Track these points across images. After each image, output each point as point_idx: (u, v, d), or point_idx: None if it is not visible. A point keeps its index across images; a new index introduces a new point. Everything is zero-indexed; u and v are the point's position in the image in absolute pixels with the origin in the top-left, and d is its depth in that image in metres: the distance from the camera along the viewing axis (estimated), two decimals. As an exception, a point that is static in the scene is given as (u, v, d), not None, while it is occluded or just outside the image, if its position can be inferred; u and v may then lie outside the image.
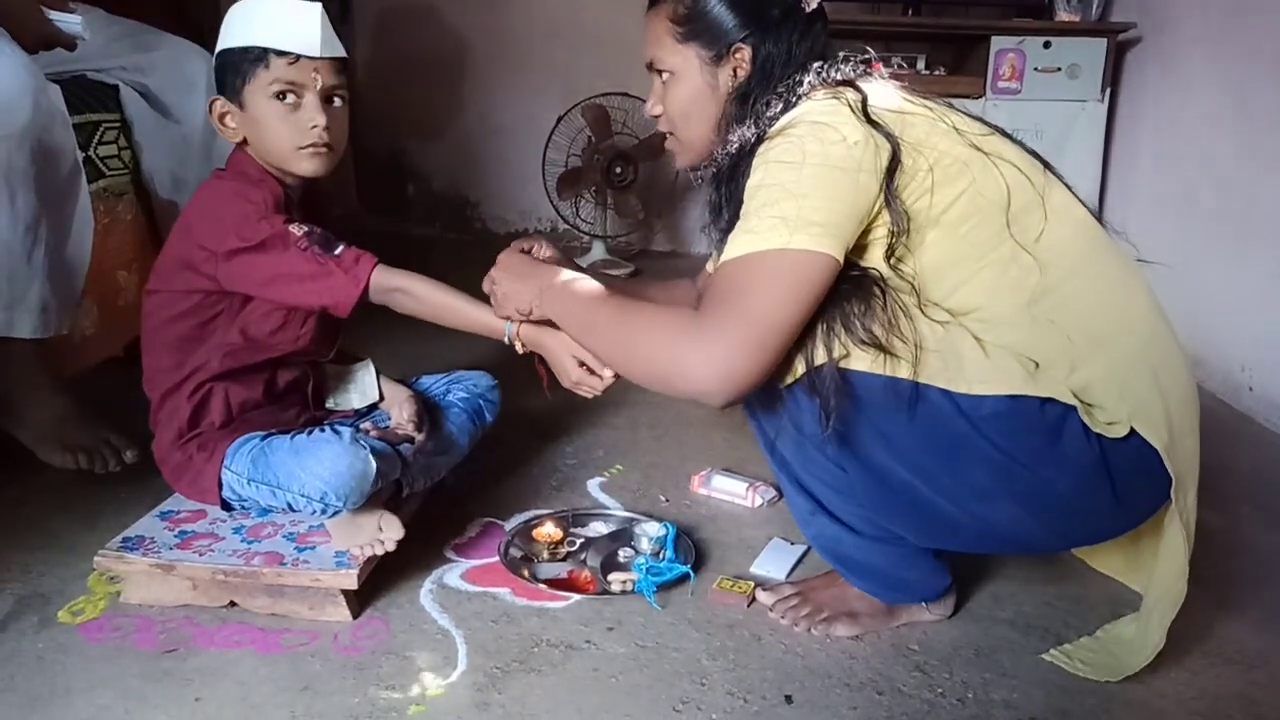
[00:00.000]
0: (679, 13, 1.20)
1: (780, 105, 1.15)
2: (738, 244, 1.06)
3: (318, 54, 1.31)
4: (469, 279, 1.37)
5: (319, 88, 1.33)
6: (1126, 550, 1.40)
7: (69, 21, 1.66)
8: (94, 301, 1.79)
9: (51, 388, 1.64)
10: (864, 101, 1.10)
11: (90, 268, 1.68)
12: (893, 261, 1.09)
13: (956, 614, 1.35)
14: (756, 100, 1.17)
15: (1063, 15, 3.03)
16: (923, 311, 1.09)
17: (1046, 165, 1.18)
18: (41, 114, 1.51)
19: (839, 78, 1.15)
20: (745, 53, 1.19)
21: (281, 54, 1.30)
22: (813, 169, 1.05)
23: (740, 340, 1.02)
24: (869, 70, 1.19)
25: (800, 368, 1.09)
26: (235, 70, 1.32)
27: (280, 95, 1.31)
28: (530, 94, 3.69)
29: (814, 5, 1.20)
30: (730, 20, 1.19)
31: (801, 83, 1.15)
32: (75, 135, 1.65)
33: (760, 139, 1.13)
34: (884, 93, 1.14)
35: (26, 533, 1.48)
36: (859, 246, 1.10)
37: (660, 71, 1.25)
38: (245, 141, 1.37)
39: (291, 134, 1.33)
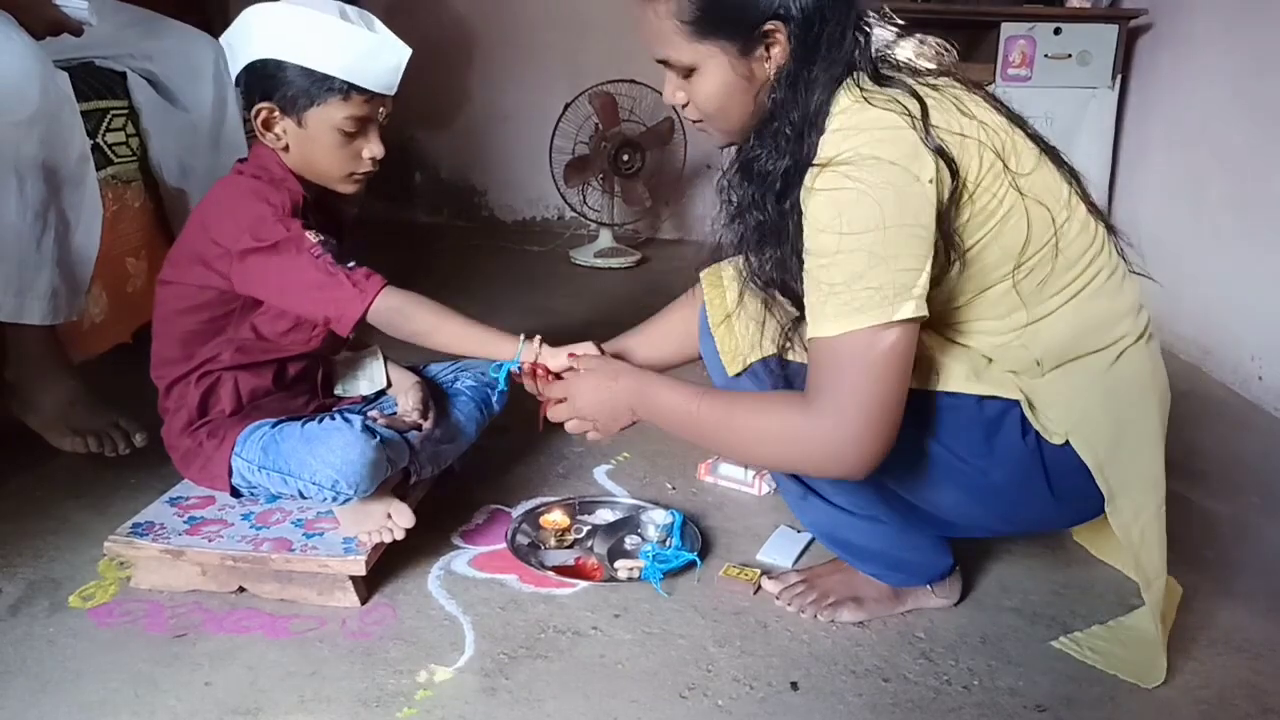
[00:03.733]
0: (684, 8, 1.03)
1: (827, 94, 1.04)
2: (833, 318, 1.00)
3: (393, 92, 1.33)
4: (476, 265, 1.37)
5: (381, 119, 1.34)
6: None
7: (75, 7, 1.66)
8: (103, 288, 1.80)
9: (60, 373, 1.64)
10: (925, 115, 1.00)
11: (99, 254, 1.68)
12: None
13: (963, 601, 1.35)
14: (804, 79, 1.04)
15: (1074, 1, 3.01)
16: None
17: (1065, 167, 1.14)
18: (50, 101, 1.51)
19: (886, 58, 1.07)
20: (778, 31, 1.03)
21: (363, 92, 1.30)
22: (895, 229, 0.98)
23: (863, 425, 1.00)
24: (904, 33, 1.11)
25: (753, 356, 1.16)
26: (304, 91, 1.29)
27: (350, 129, 1.32)
28: (537, 82, 3.67)
29: None
30: (749, 2, 1.02)
31: (849, 62, 1.04)
32: (84, 122, 1.65)
33: (814, 149, 1.03)
34: (937, 108, 1.03)
35: (38, 518, 1.49)
36: None
37: (677, 68, 1.09)
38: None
39: (347, 162, 1.34)
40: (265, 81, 1.31)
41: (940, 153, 1.00)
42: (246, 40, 1.32)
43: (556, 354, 1.31)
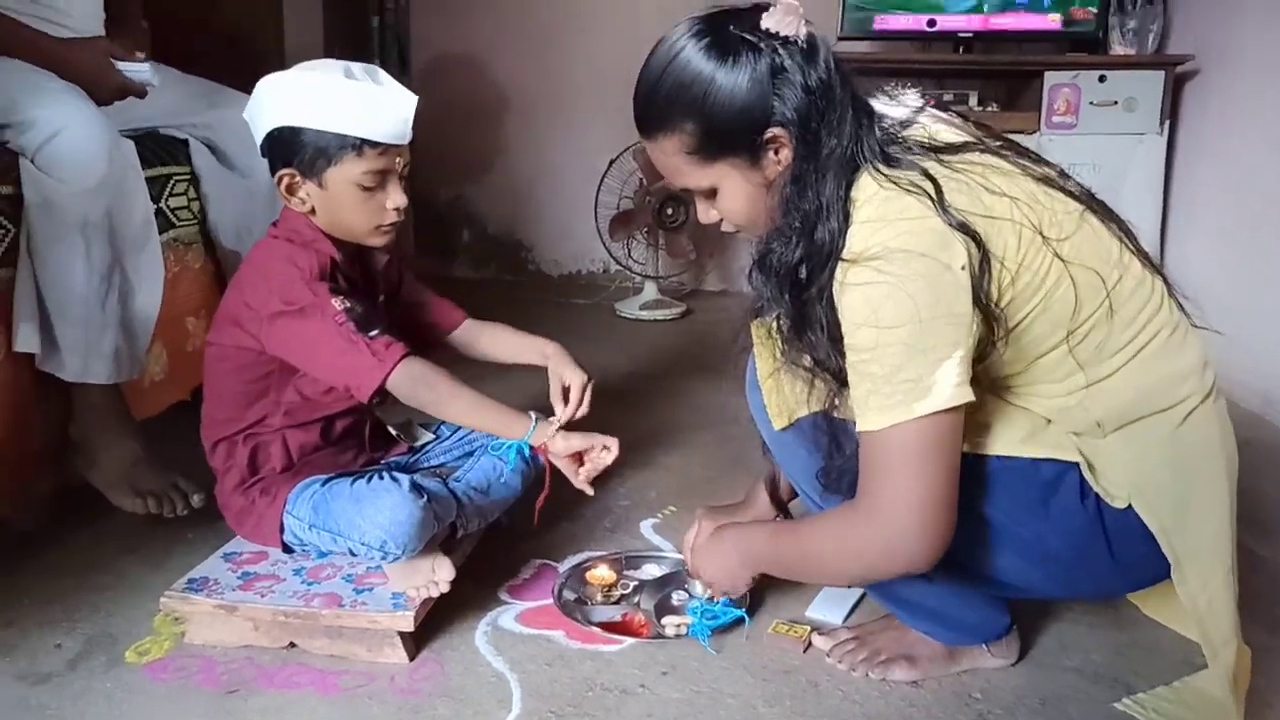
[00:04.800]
0: (688, 142, 1.07)
1: (843, 185, 1.04)
2: (876, 412, 1.01)
3: (406, 141, 1.35)
4: (522, 319, 1.40)
5: (400, 169, 1.37)
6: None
7: (137, 70, 1.73)
8: (163, 347, 1.85)
9: (123, 432, 1.69)
10: (940, 197, 1.00)
11: (160, 315, 1.74)
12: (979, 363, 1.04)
13: (1021, 660, 1.31)
14: (812, 173, 1.05)
15: (1117, 49, 3.00)
16: None
17: (1124, 230, 1.11)
18: (116, 168, 1.57)
19: (899, 138, 1.07)
20: (779, 136, 1.05)
21: (375, 144, 1.32)
22: (930, 320, 0.98)
23: (918, 522, 1.02)
24: (915, 114, 1.11)
25: (800, 411, 1.16)
26: (320, 152, 1.32)
27: (369, 183, 1.34)
28: (581, 138, 3.74)
29: (803, 35, 1.04)
30: (743, 117, 1.04)
31: (858, 148, 1.04)
32: (148, 187, 1.71)
33: (838, 239, 1.03)
34: (958, 190, 1.02)
35: (96, 574, 1.52)
36: None
37: (700, 193, 1.14)
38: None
39: (371, 216, 1.37)
40: (283, 148, 1.35)
41: (965, 229, 0.99)
42: (261, 112, 1.35)
43: (569, 440, 1.34)
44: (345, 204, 1.36)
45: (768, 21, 1.03)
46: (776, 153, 1.07)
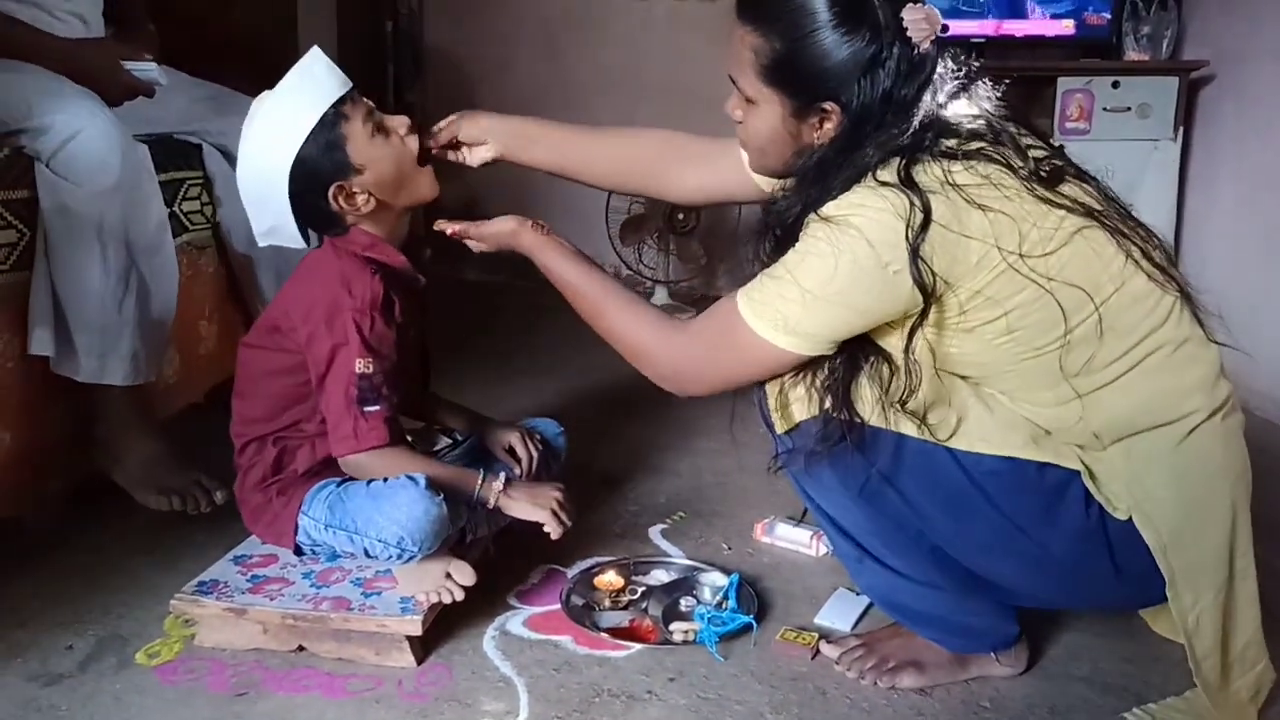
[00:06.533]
0: (763, 52, 1.09)
1: (856, 178, 1.07)
2: (754, 300, 1.11)
3: (350, 84, 1.35)
4: (534, 323, 1.40)
5: (375, 116, 1.37)
6: None
7: (145, 69, 1.75)
8: (176, 350, 1.87)
9: (146, 432, 1.70)
10: (925, 221, 1.02)
11: (174, 318, 1.75)
12: (911, 345, 1.09)
13: (1030, 670, 1.30)
14: (842, 157, 1.09)
15: (1131, 54, 2.98)
16: (937, 373, 1.11)
17: (1136, 224, 1.12)
18: (130, 171, 1.59)
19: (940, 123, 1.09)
20: (834, 115, 1.09)
21: (343, 100, 1.33)
22: (833, 295, 1.06)
23: (694, 373, 1.21)
24: (972, 143, 1.09)
25: (801, 415, 1.16)
26: (326, 147, 1.31)
27: (377, 127, 1.35)
28: (594, 143, 3.75)
29: (924, 46, 1.06)
30: (818, 75, 1.07)
31: (883, 165, 1.06)
32: (162, 192, 1.73)
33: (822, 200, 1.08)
34: (952, 210, 1.04)
35: (107, 575, 1.53)
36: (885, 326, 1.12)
37: (740, 89, 1.16)
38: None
39: (400, 154, 1.38)
40: (308, 175, 1.32)
41: (918, 263, 1.02)
42: (269, 183, 1.31)
43: (513, 504, 1.39)
44: (382, 159, 1.35)
45: (907, 15, 1.06)
46: (821, 124, 1.11)
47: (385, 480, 1.34)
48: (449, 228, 1.41)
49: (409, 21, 3.76)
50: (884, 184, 1.05)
